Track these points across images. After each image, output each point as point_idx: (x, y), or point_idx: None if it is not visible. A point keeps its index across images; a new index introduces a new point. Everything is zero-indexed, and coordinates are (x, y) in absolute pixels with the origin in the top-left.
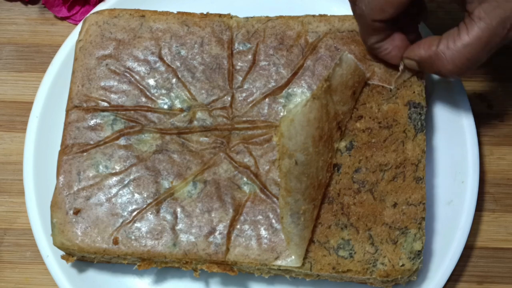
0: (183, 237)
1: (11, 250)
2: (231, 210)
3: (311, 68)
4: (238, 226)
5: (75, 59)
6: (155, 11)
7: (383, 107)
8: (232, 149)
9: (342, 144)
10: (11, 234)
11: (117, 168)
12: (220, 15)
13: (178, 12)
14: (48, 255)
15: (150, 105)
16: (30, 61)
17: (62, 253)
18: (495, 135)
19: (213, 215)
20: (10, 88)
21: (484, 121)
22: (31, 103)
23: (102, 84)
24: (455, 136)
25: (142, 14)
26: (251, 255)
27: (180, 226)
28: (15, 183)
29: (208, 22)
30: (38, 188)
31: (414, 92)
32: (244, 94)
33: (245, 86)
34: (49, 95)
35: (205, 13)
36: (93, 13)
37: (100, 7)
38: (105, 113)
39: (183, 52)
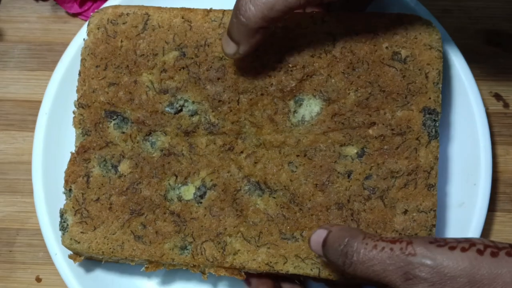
0: (190, 241)
1: (23, 250)
2: (238, 214)
3: (324, 73)
4: (246, 230)
5: (81, 60)
6: (159, 8)
7: (397, 114)
8: (240, 153)
9: (353, 151)
10: (23, 235)
11: (126, 170)
12: (223, 12)
13: (182, 9)
14: (57, 253)
15: (157, 108)
16: (43, 60)
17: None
18: (511, 134)
19: (220, 219)
20: (23, 87)
21: (500, 120)
22: None
23: (108, 86)
24: (468, 138)
25: (146, 12)
26: (259, 260)
27: (188, 229)
28: (28, 183)
29: (211, 20)
30: (47, 185)
31: (430, 98)
32: (251, 97)
33: (253, 89)
34: (58, 92)
35: (208, 8)
36: (97, 12)
37: (110, 2)
38: (112, 115)
39: (187, 53)
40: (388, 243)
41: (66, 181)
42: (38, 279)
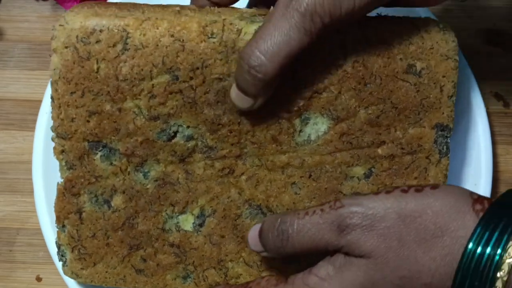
0: (192, 270)
1: (23, 250)
2: (239, 241)
3: (334, 90)
4: (247, 256)
5: (52, 83)
6: (140, 23)
7: (408, 132)
8: (241, 175)
9: (361, 172)
10: (23, 234)
11: (119, 205)
12: (223, 26)
13: (170, 23)
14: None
15: (148, 136)
16: (43, 59)
17: None
18: (511, 134)
19: (221, 246)
20: (23, 86)
21: (500, 120)
22: None
23: (89, 115)
24: (468, 137)
25: (123, 28)
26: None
27: (188, 259)
28: (28, 182)
29: (208, 37)
30: (47, 185)
31: (443, 113)
32: (254, 118)
33: (256, 108)
34: None
35: (203, 24)
36: (61, 25)
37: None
38: (97, 146)
39: (180, 77)
40: (317, 206)
41: (58, 218)
42: (38, 279)
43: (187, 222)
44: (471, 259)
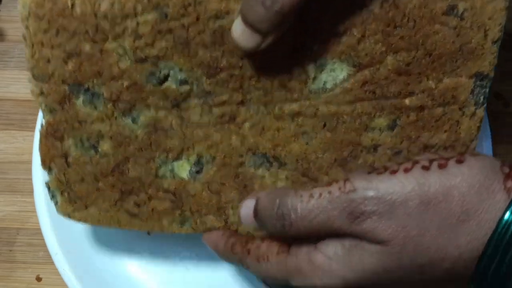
0: (189, 216)
1: (24, 250)
2: (242, 189)
3: (356, 34)
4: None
5: (22, 19)
6: None
7: (442, 81)
8: (244, 123)
9: (384, 123)
10: (24, 234)
11: (107, 150)
12: None
13: None
14: (57, 252)
15: (135, 79)
16: None
17: (70, 250)
18: (511, 134)
19: (221, 195)
20: (23, 86)
21: (500, 119)
22: None
23: (66, 56)
24: None
25: None
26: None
27: (185, 206)
28: (28, 182)
29: None
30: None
31: (485, 61)
32: (258, 62)
33: (262, 49)
34: None
35: None
36: None
37: None
38: (79, 89)
39: (169, 14)
40: (324, 187)
41: (43, 161)
42: (39, 279)
43: (183, 168)
44: (506, 231)
